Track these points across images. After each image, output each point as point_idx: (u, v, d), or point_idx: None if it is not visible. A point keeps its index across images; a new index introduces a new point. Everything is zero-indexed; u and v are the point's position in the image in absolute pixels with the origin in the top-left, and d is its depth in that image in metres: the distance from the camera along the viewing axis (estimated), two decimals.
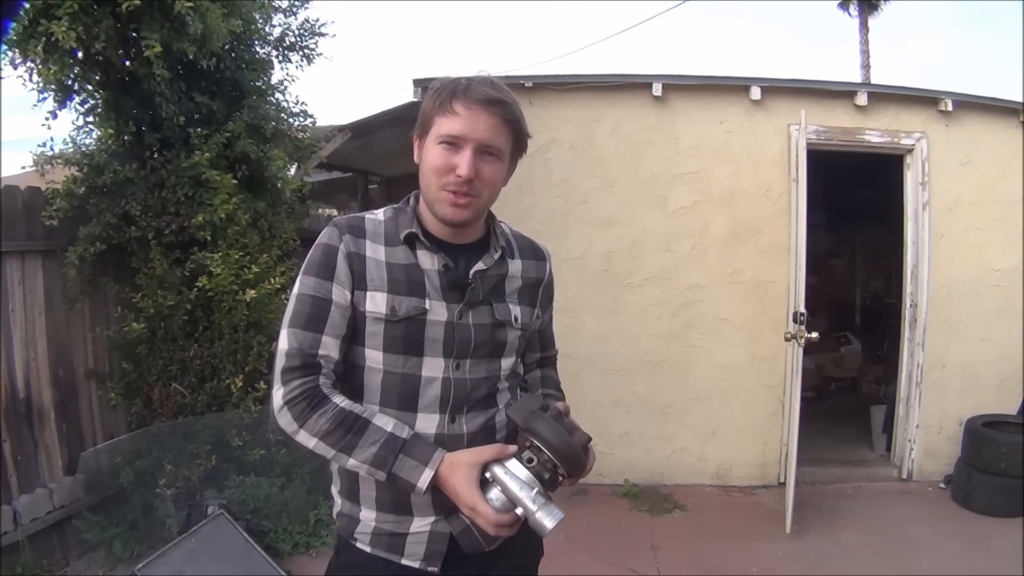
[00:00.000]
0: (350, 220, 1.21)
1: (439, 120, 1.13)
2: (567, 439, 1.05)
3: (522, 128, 1.18)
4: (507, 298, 1.24)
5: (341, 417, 1.09)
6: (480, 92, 1.12)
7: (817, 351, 5.45)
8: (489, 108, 1.12)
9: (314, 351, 1.13)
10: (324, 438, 1.09)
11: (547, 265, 1.35)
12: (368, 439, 1.09)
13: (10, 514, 2.75)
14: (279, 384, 1.12)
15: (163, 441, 3.14)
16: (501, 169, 1.17)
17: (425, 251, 1.18)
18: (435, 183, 1.14)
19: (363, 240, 1.18)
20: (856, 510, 3.73)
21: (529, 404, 1.10)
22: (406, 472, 1.08)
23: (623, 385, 4.06)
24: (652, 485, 4.02)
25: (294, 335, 1.14)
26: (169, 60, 2.93)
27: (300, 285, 1.17)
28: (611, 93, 4.01)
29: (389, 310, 1.14)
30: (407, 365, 1.16)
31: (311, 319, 1.14)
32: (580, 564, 3.13)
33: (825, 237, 6.20)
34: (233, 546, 2.83)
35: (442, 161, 1.12)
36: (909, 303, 4.08)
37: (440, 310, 1.16)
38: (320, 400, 1.10)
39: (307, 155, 4.04)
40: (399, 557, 1.19)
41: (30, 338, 2.99)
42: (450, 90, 1.13)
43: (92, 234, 3.08)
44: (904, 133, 3.98)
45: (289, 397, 1.10)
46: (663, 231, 4.04)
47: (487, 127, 1.12)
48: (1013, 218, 3.98)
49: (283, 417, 1.11)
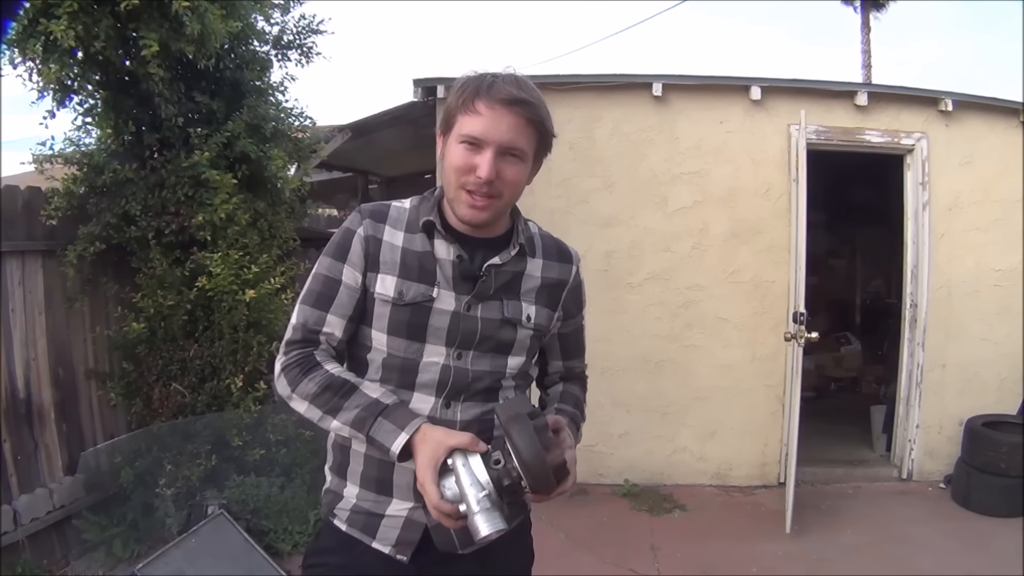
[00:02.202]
0: (375, 206, 1.22)
1: (462, 119, 1.11)
2: (539, 453, 0.99)
3: (547, 128, 1.15)
4: (522, 296, 1.22)
5: (328, 381, 1.13)
6: (504, 91, 1.09)
7: (817, 351, 5.44)
8: (512, 108, 1.09)
9: (318, 328, 1.17)
10: (313, 400, 1.13)
11: (573, 268, 1.31)
12: (353, 402, 1.11)
13: (10, 514, 2.75)
14: (281, 354, 1.18)
15: (163, 441, 3.14)
16: (524, 170, 1.16)
17: (442, 240, 1.17)
18: (455, 182, 1.13)
19: (383, 225, 1.19)
20: (856, 510, 3.73)
21: (517, 406, 1.06)
22: (382, 435, 1.08)
23: (623, 385, 4.06)
24: (652, 485, 4.02)
25: (302, 311, 1.19)
26: (168, 60, 2.93)
27: (317, 264, 1.21)
28: (611, 93, 4.01)
29: (396, 294, 1.15)
30: (409, 350, 1.16)
31: (320, 297, 1.18)
32: (580, 564, 3.13)
33: (825, 237, 6.18)
34: (233, 546, 2.82)
35: (463, 161, 1.11)
36: (909, 303, 4.08)
37: (448, 299, 1.16)
38: (312, 366, 1.15)
39: (307, 155, 4.04)
40: (371, 539, 1.19)
41: (30, 338, 2.99)
42: (474, 88, 1.11)
43: (92, 234, 3.08)
44: (904, 133, 3.98)
45: (285, 364, 1.16)
46: (663, 231, 4.04)
47: (509, 128, 1.10)
48: (1013, 218, 3.98)
49: (280, 383, 1.16)
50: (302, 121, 3.86)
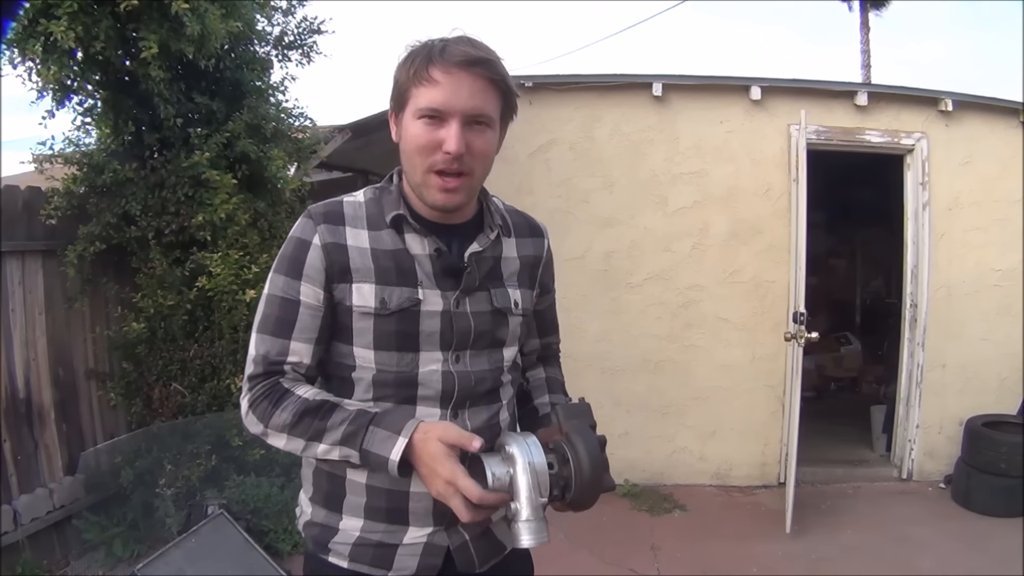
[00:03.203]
0: (326, 207, 1.08)
1: (416, 91, 1.00)
2: (599, 471, 0.92)
3: (510, 87, 1.04)
4: (506, 282, 1.13)
5: (304, 405, 1.01)
6: (459, 53, 0.98)
7: (817, 351, 5.44)
8: (472, 70, 0.98)
9: (281, 358, 1.05)
10: (291, 431, 1.01)
11: (544, 242, 1.23)
12: (336, 419, 0.99)
13: (10, 514, 2.75)
14: (245, 391, 1.06)
15: (163, 441, 3.14)
16: (493, 138, 1.04)
17: (414, 234, 1.06)
18: (420, 164, 1.01)
19: (342, 227, 1.05)
20: (856, 510, 3.73)
21: (581, 413, 0.98)
22: (377, 445, 0.96)
23: (623, 385, 4.06)
24: (652, 485, 4.02)
25: (261, 341, 1.05)
26: (168, 60, 2.93)
27: (269, 284, 1.07)
28: (611, 93, 4.01)
29: (379, 303, 1.03)
30: (402, 363, 1.05)
31: (279, 323, 1.05)
32: (580, 564, 3.12)
33: (825, 237, 6.19)
34: (233, 546, 2.82)
35: (426, 138, 0.99)
36: (909, 303, 4.08)
37: (435, 299, 1.05)
38: (282, 395, 1.03)
39: (307, 155, 4.04)
40: (385, 571, 1.07)
41: (30, 338, 2.99)
42: (425, 55, 0.99)
43: (92, 233, 3.08)
44: (904, 133, 3.98)
45: (252, 399, 1.04)
46: (663, 231, 4.04)
47: (472, 92, 0.99)
48: (1013, 218, 3.98)
49: (249, 421, 1.05)
50: (302, 121, 3.87)
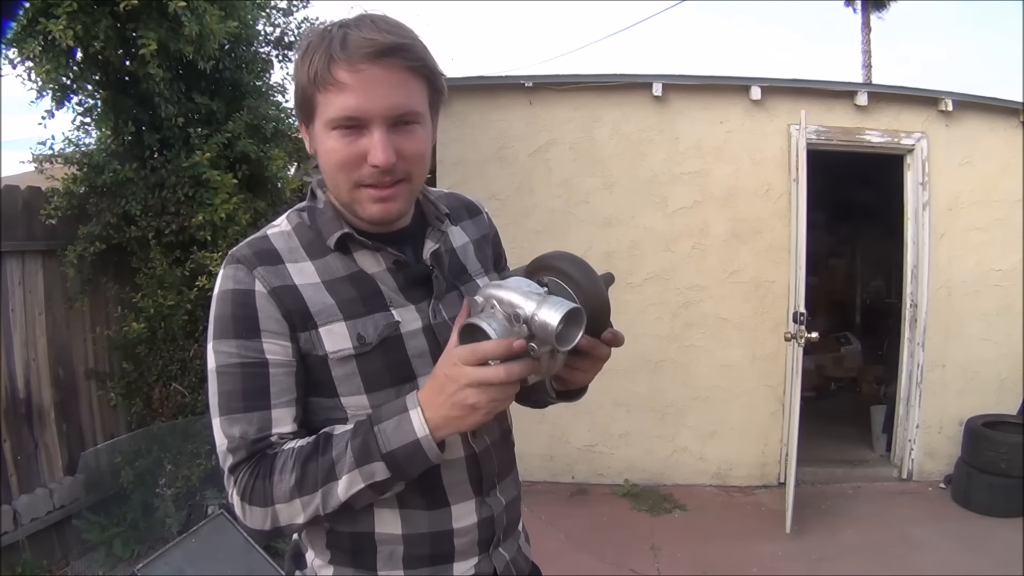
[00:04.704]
0: (252, 247, 0.91)
1: (323, 98, 0.84)
2: (596, 280, 0.83)
3: (433, 70, 0.88)
4: (472, 274, 1.03)
5: (300, 455, 0.86)
6: (364, 43, 0.81)
7: (817, 351, 5.43)
8: (384, 61, 0.82)
9: (265, 433, 0.88)
10: (301, 491, 0.85)
11: (484, 215, 1.12)
12: (339, 446, 0.85)
13: (10, 514, 2.76)
14: (230, 484, 0.90)
15: (163, 441, 3.14)
16: (426, 135, 0.89)
17: (364, 251, 0.93)
18: (345, 182, 0.87)
19: (281, 266, 0.89)
20: (856, 510, 3.73)
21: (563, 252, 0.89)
22: (396, 438, 0.83)
23: (623, 385, 4.06)
24: (652, 485, 4.02)
25: (232, 423, 0.87)
26: (168, 60, 2.93)
27: (215, 357, 0.88)
28: (611, 93, 4.01)
29: (357, 340, 0.88)
30: (401, 396, 0.89)
31: (248, 395, 0.87)
32: (580, 564, 3.12)
33: (825, 237, 6.19)
34: (233, 546, 2.82)
35: (345, 152, 0.84)
36: (909, 303, 4.08)
37: (410, 316, 0.92)
38: (272, 462, 0.87)
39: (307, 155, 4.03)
40: None
41: (30, 338, 2.99)
42: (324, 52, 0.82)
43: (92, 233, 3.08)
44: (904, 133, 3.98)
45: (242, 489, 0.88)
46: (663, 231, 4.04)
47: (390, 89, 0.83)
48: (1013, 218, 3.97)
49: (251, 517, 0.89)
50: None
